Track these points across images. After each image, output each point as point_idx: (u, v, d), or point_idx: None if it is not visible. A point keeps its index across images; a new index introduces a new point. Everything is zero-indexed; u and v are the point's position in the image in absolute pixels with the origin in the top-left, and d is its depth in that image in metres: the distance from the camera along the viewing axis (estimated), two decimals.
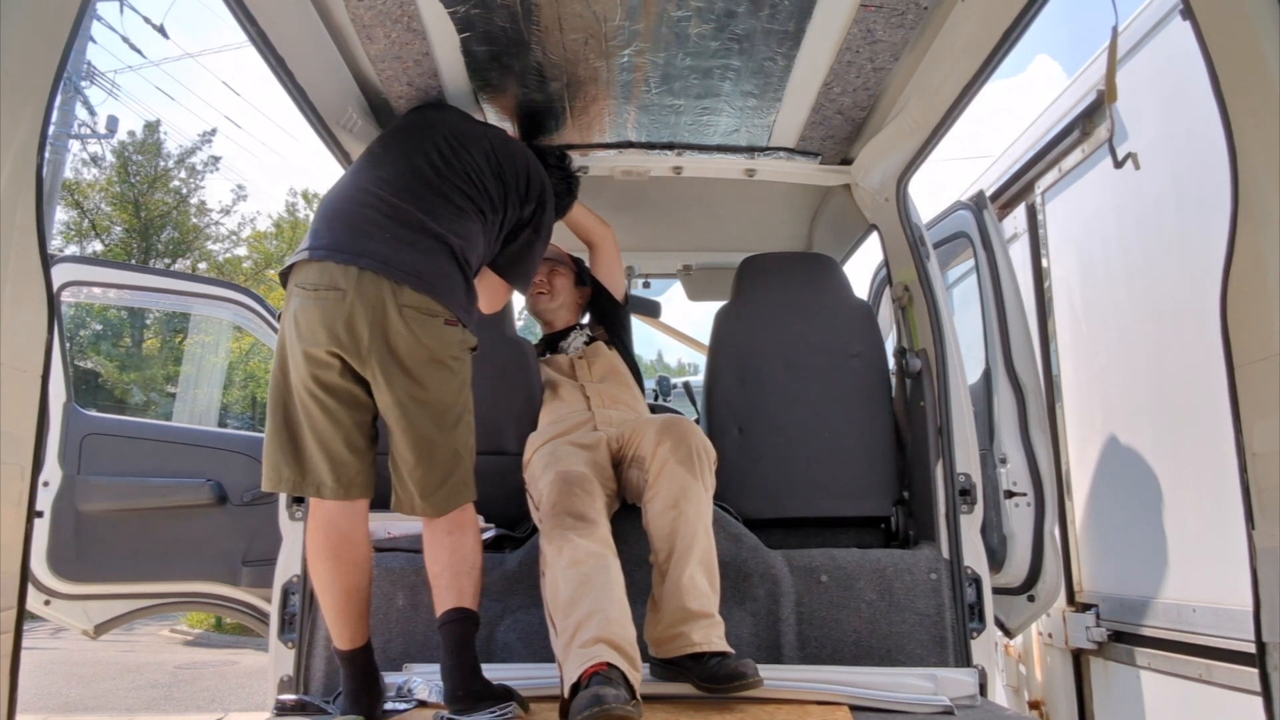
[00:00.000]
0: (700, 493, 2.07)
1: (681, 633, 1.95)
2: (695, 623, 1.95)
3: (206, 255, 20.12)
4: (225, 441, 3.49)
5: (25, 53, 1.26)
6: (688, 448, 2.10)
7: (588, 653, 1.71)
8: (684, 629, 1.95)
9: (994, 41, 1.91)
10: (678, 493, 2.05)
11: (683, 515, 2.03)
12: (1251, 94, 1.30)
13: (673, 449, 2.09)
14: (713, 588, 2.02)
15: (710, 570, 2.03)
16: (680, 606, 1.97)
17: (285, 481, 1.89)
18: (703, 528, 2.04)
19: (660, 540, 2.05)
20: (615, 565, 1.94)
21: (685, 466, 2.07)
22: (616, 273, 2.85)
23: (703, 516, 2.05)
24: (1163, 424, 2.62)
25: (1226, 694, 2.19)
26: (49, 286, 1.32)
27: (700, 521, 2.04)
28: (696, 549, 2.01)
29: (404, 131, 2.21)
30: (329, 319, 1.80)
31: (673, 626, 1.97)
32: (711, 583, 2.02)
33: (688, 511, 2.03)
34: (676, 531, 2.02)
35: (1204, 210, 2.31)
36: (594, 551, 1.93)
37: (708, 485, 2.10)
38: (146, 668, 8.73)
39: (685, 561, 1.99)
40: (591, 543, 1.94)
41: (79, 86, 14.53)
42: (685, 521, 2.03)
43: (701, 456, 2.12)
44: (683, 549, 2.01)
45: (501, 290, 2.30)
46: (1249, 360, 1.33)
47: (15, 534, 1.25)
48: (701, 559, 2.01)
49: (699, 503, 2.05)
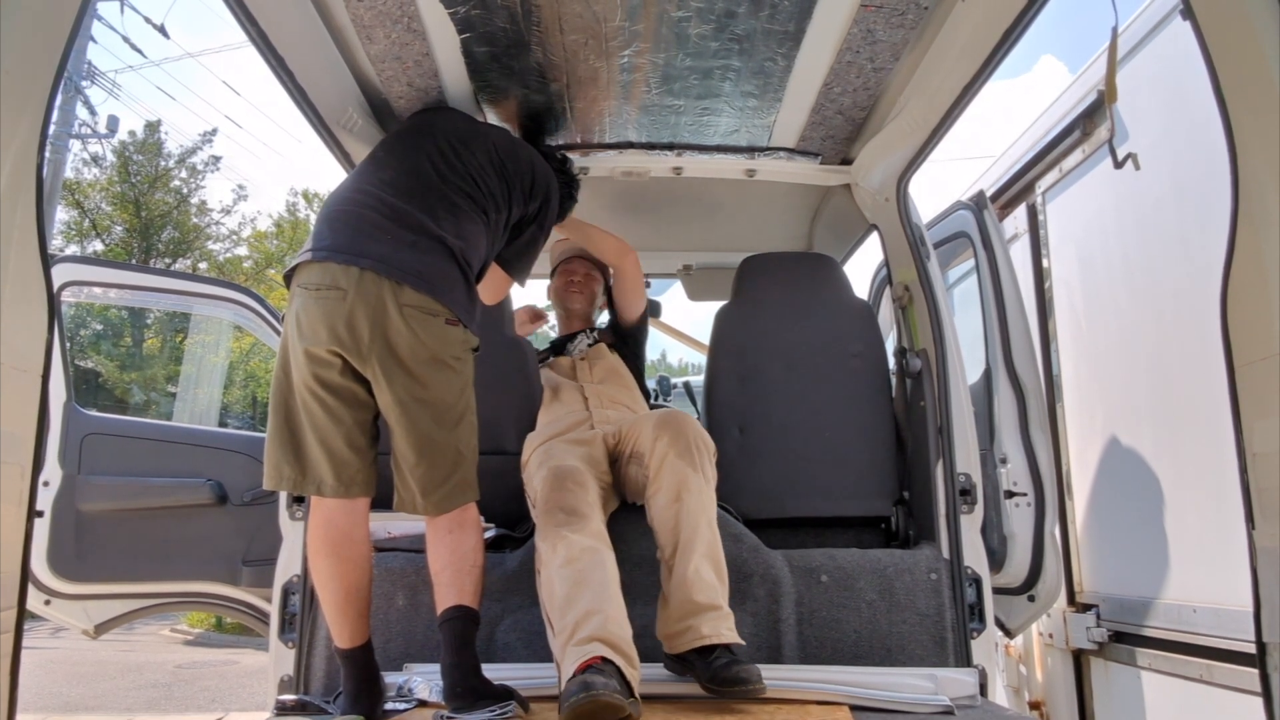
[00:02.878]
0: (701, 484, 2.08)
1: (690, 626, 1.95)
2: (702, 615, 1.95)
3: (207, 255, 20.12)
4: (225, 441, 3.49)
5: (26, 52, 1.27)
6: (686, 440, 2.11)
7: (583, 650, 1.72)
8: (692, 622, 1.95)
9: (994, 41, 1.92)
10: (679, 485, 2.06)
11: (685, 508, 2.04)
12: (1252, 94, 1.30)
13: (671, 442, 2.10)
14: (720, 579, 2.02)
15: (716, 562, 2.03)
16: (687, 599, 1.97)
17: (286, 480, 1.90)
18: (705, 520, 2.05)
19: (665, 535, 2.06)
20: (610, 559, 1.95)
21: (685, 459, 2.08)
22: (634, 299, 2.85)
23: (705, 508, 2.06)
24: (1163, 424, 2.62)
25: (1227, 694, 2.19)
26: (49, 286, 1.32)
27: (703, 513, 2.05)
28: (700, 542, 2.01)
29: (407, 134, 2.23)
30: (330, 318, 1.81)
31: (681, 620, 1.97)
32: (719, 574, 2.02)
33: (689, 503, 2.04)
34: (680, 524, 2.03)
35: (1204, 210, 2.31)
36: (588, 547, 1.93)
37: (709, 477, 2.11)
38: (147, 667, 8.73)
39: (690, 554, 2.00)
40: (584, 537, 1.95)
41: (79, 86, 14.53)
42: (688, 514, 2.03)
43: (700, 449, 2.13)
44: (686, 541, 2.02)
45: (503, 282, 2.34)
46: (1249, 360, 1.33)
47: (15, 533, 1.25)
48: (706, 551, 2.02)
49: (700, 494, 2.06)
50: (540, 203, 2.28)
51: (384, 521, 2.50)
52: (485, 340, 2.79)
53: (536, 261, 2.44)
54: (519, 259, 2.33)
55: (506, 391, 2.75)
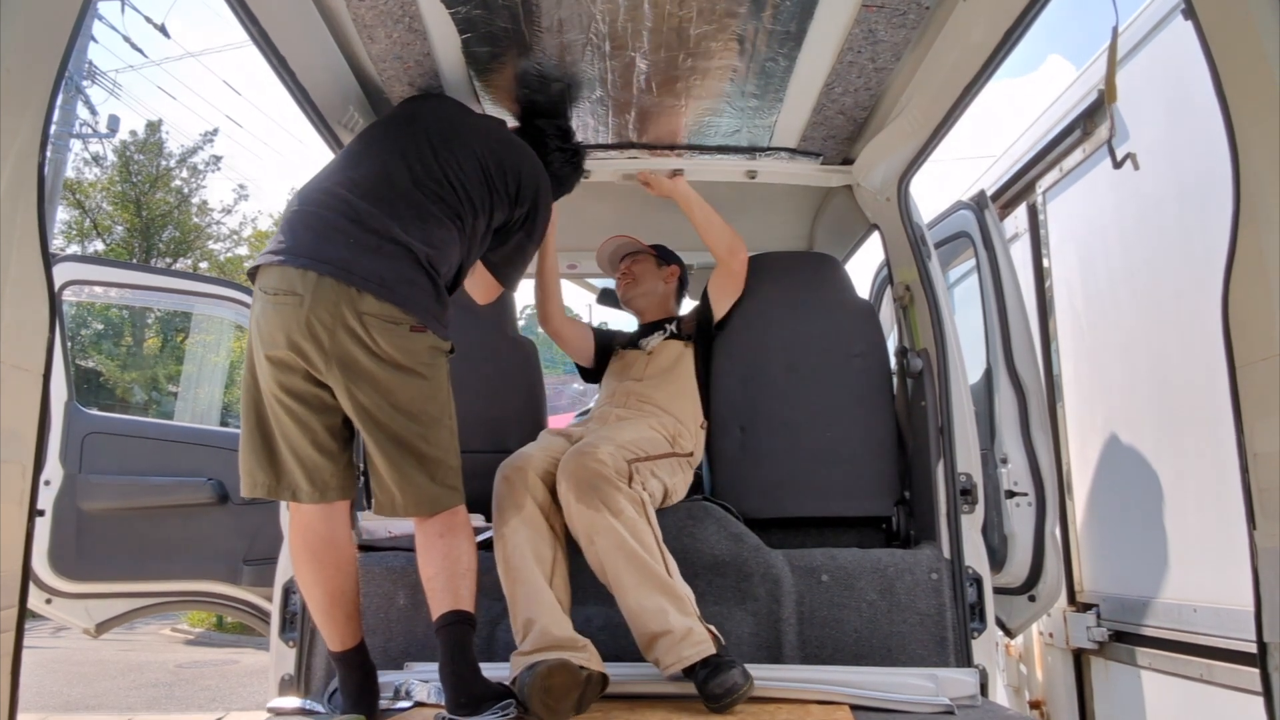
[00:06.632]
0: (605, 523, 2.03)
1: (656, 658, 1.98)
2: (659, 644, 1.96)
3: (208, 254, 20.11)
4: (226, 440, 3.48)
5: (27, 52, 1.27)
6: (582, 480, 2.07)
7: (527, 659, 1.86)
8: (656, 654, 1.98)
9: (996, 41, 1.91)
10: (588, 531, 2.05)
11: (599, 551, 2.04)
12: (1253, 93, 1.30)
13: (570, 486, 2.08)
14: (665, 592, 2.00)
15: (655, 582, 2.00)
16: (642, 633, 2.00)
17: (261, 486, 1.88)
18: (623, 555, 2.01)
19: (598, 575, 2.08)
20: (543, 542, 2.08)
21: (584, 502, 2.05)
22: (720, 297, 2.74)
23: (621, 544, 2.02)
24: (1164, 423, 2.62)
25: (1227, 694, 2.19)
26: (50, 285, 1.32)
27: (619, 550, 2.01)
28: (627, 576, 2.00)
29: (387, 128, 2.15)
30: (287, 325, 1.77)
31: (649, 651, 1.99)
32: (662, 589, 2.00)
33: (601, 545, 2.03)
34: (603, 567, 2.04)
35: (1205, 210, 2.31)
36: (517, 544, 2.07)
37: (614, 508, 2.05)
38: (147, 666, 8.73)
39: (624, 592, 2.01)
40: (515, 529, 2.08)
41: (80, 86, 14.52)
42: (605, 556, 2.03)
43: (600, 483, 2.06)
44: (615, 582, 2.03)
45: (494, 282, 2.29)
46: (1250, 360, 1.33)
47: (17, 533, 1.25)
48: (638, 581, 2.00)
49: (609, 533, 2.03)
50: (528, 209, 2.20)
51: (384, 521, 2.51)
52: (487, 340, 2.80)
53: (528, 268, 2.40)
54: (507, 264, 2.26)
55: (508, 391, 2.75)
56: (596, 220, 3.28)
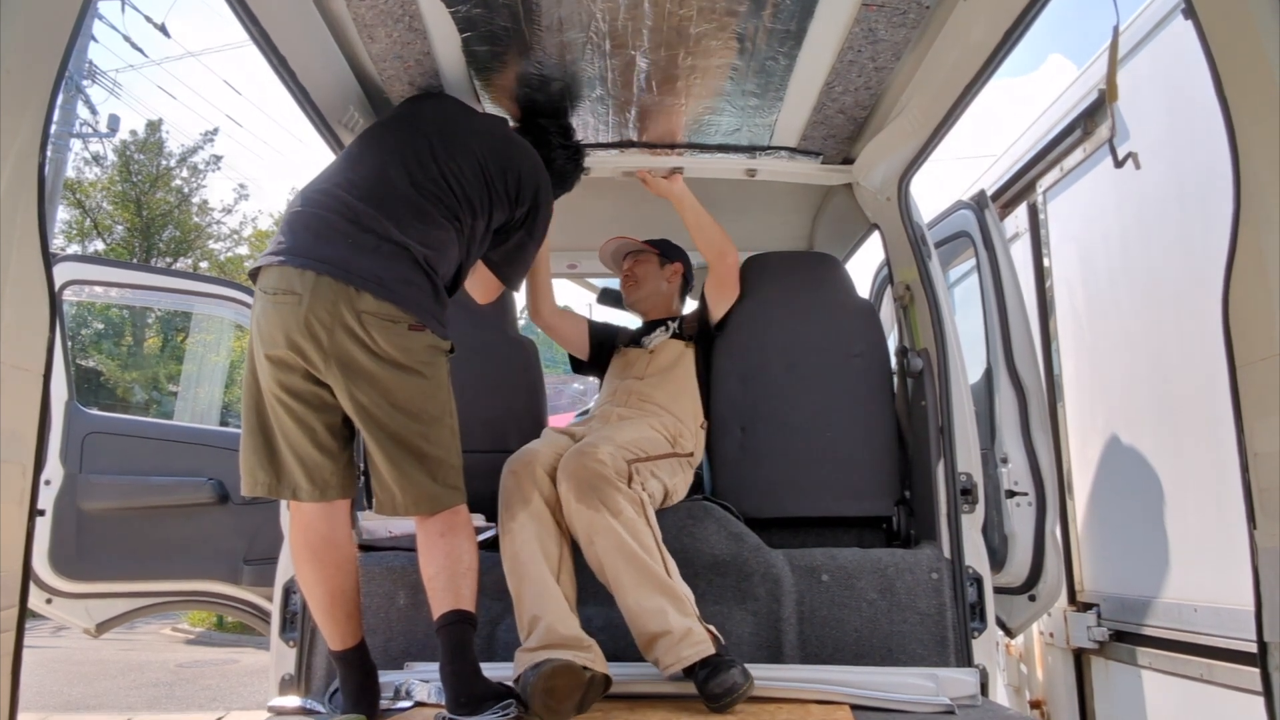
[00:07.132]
0: (604, 523, 2.04)
1: (656, 658, 1.98)
2: (658, 645, 1.97)
3: (208, 254, 20.11)
4: (227, 440, 3.48)
5: (27, 52, 1.27)
6: (582, 480, 2.08)
7: (532, 656, 1.86)
8: (655, 654, 1.98)
9: (996, 40, 1.91)
10: (587, 531, 2.05)
11: (598, 551, 2.04)
12: (1253, 93, 1.30)
13: (570, 487, 2.08)
14: (665, 593, 2.00)
15: (655, 582, 2.01)
16: (641, 633, 2.00)
17: (261, 485, 1.88)
18: (623, 555, 2.02)
19: (598, 575, 2.08)
20: (549, 537, 2.07)
21: (584, 503, 2.05)
22: (714, 299, 2.75)
23: (619, 546, 2.02)
24: (1164, 423, 2.62)
25: (1227, 694, 2.19)
26: (51, 285, 1.32)
27: (619, 550, 2.02)
28: (626, 576, 2.01)
29: (387, 129, 2.16)
30: (286, 324, 1.78)
31: (649, 652, 2.00)
32: (661, 589, 2.00)
33: (601, 546, 2.04)
34: (602, 567, 2.05)
35: (1205, 209, 2.31)
36: (525, 540, 2.06)
37: (614, 509, 2.05)
38: (148, 666, 8.74)
39: (623, 592, 2.02)
40: (522, 524, 2.08)
41: (80, 85, 14.52)
42: (604, 556, 2.03)
43: (600, 483, 2.07)
44: (614, 581, 2.03)
45: (495, 281, 2.29)
46: (1251, 359, 1.33)
47: (17, 532, 1.25)
48: (637, 581, 2.01)
49: (609, 534, 2.03)
50: (528, 209, 2.20)
51: (384, 521, 2.51)
52: (487, 340, 2.80)
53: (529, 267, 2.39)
54: (508, 263, 2.27)
55: (509, 391, 2.75)
56: (596, 219, 3.28)
